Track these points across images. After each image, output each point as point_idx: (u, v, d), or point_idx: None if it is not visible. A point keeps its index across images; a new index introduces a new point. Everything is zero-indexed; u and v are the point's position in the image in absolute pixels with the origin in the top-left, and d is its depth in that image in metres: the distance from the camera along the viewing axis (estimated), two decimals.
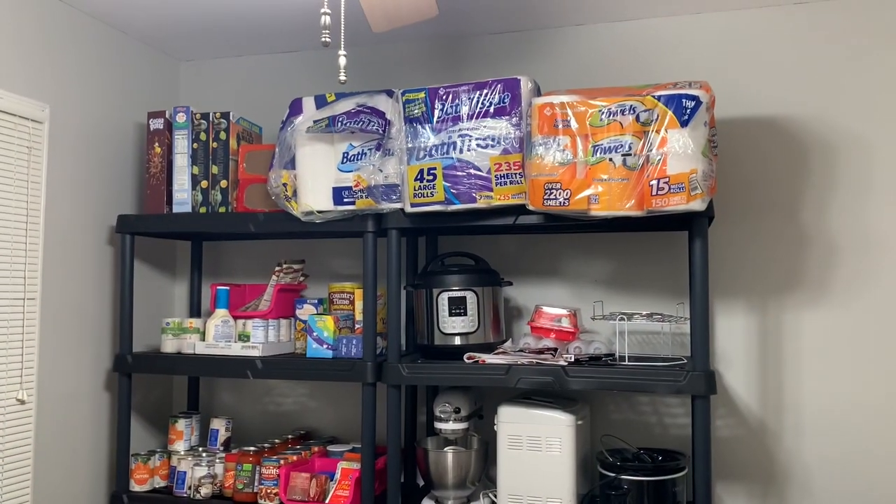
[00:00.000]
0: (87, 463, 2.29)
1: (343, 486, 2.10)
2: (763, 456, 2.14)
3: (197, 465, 2.21)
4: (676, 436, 2.20)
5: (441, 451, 2.08)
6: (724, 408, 2.17)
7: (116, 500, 2.22)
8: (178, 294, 2.68)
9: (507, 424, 1.99)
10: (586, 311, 2.22)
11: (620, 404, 2.25)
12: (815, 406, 2.11)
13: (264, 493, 2.12)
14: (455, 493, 2.07)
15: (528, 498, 1.95)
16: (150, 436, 2.53)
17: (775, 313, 2.15)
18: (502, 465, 1.98)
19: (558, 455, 1.93)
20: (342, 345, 2.15)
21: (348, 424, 2.49)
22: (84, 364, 2.28)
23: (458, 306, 2.09)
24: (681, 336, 2.22)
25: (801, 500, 2.10)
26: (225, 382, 2.61)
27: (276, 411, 2.56)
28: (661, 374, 1.85)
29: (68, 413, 2.22)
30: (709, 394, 1.80)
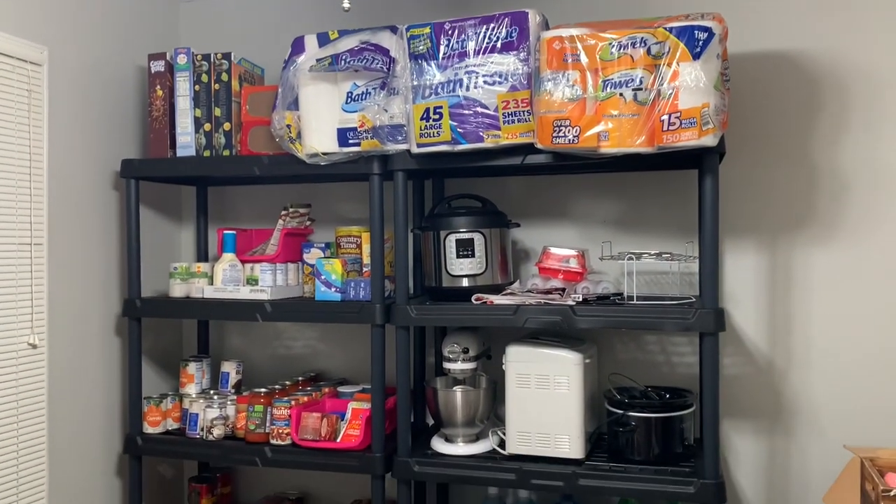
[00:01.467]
0: (101, 406, 2.32)
1: (354, 425, 2.13)
2: (770, 393, 2.15)
3: (209, 408, 2.23)
4: (683, 374, 2.21)
5: (450, 391, 2.10)
6: (731, 346, 2.17)
7: (130, 442, 2.25)
8: (185, 240, 2.68)
9: (515, 364, 2.00)
10: (594, 252, 2.21)
11: (627, 344, 2.26)
12: (824, 343, 2.11)
13: (276, 433, 2.15)
14: (464, 430, 2.09)
15: (537, 435, 1.97)
16: (161, 380, 2.56)
17: (785, 251, 2.14)
18: (511, 404, 2.00)
19: (566, 393, 1.95)
20: (350, 288, 2.15)
21: (357, 366, 2.51)
22: (94, 309, 2.29)
23: (466, 248, 2.08)
24: (689, 276, 2.21)
25: (807, 436, 2.12)
26: (234, 326, 2.63)
27: (286, 354, 2.58)
28: (669, 312, 1.84)
29: (80, 357, 2.24)
30: (717, 331, 1.80)
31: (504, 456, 2.02)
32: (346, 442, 2.11)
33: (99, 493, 2.30)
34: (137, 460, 2.27)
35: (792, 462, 2.13)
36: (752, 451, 2.16)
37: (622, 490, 1.87)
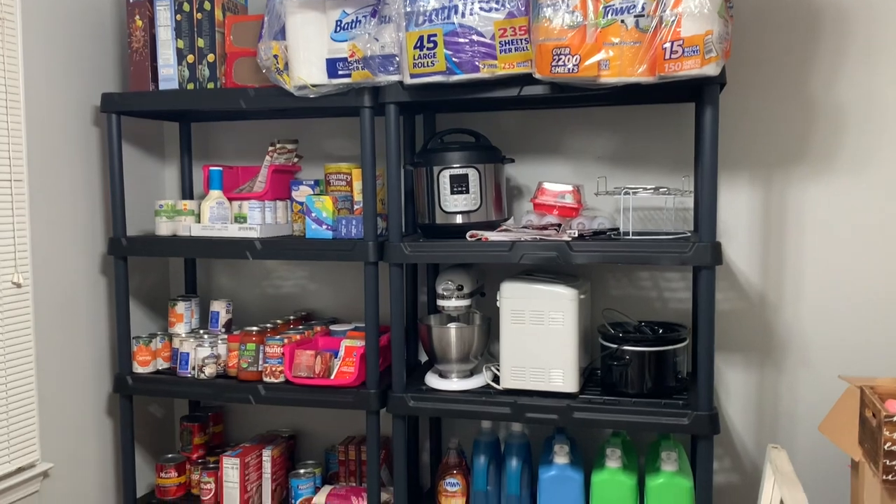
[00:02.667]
0: (89, 347, 2.29)
1: (347, 362, 2.12)
2: (762, 328, 2.17)
3: (199, 346, 2.21)
4: (676, 309, 2.22)
5: (444, 327, 2.09)
6: (724, 281, 2.18)
7: (120, 381, 2.23)
8: (169, 178, 2.61)
9: (509, 300, 1.99)
10: (589, 188, 2.18)
11: (621, 280, 2.26)
12: (816, 279, 2.12)
13: (269, 371, 2.14)
14: (458, 366, 2.09)
15: (531, 369, 1.97)
16: (149, 320, 2.53)
17: (780, 186, 2.13)
18: (505, 340, 1.99)
19: (561, 328, 1.94)
20: (342, 225, 2.11)
21: (348, 306, 2.49)
22: (78, 247, 2.24)
23: (460, 184, 2.04)
24: (683, 212, 2.19)
25: (797, 370, 2.15)
26: (222, 266, 2.59)
27: (276, 294, 2.55)
28: (666, 246, 1.83)
29: (66, 297, 2.20)
30: (714, 264, 1.79)
31: (498, 391, 2.02)
32: (340, 379, 2.11)
33: (90, 434, 2.29)
34: (128, 400, 2.25)
35: (782, 395, 2.16)
36: (742, 385, 2.19)
37: (616, 422, 1.89)
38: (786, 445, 2.12)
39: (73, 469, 2.22)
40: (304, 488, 2.24)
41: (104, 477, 2.34)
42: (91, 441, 2.29)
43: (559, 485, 2.00)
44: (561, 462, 2.02)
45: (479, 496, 2.07)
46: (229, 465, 2.19)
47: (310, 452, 2.52)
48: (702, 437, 1.83)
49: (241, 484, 2.19)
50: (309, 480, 2.26)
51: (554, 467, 2.01)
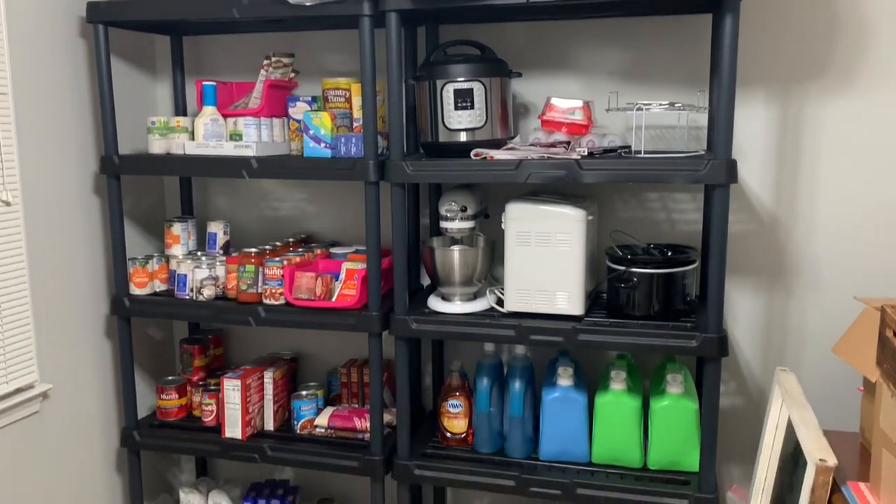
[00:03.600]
0: (85, 268, 2.24)
1: (349, 285, 2.08)
2: (773, 250, 2.11)
3: (197, 268, 2.17)
4: (685, 231, 2.17)
5: (447, 249, 2.04)
6: (735, 203, 2.11)
7: (118, 303, 2.20)
8: (161, 94, 2.51)
9: (515, 221, 1.93)
10: (600, 105, 2.09)
11: (629, 201, 2.19)
12: (831, 201, 2.06)
13: (269, 293, 2.10)
14: (462, 289, 2.05)
15: (536, 292, 1.93)
16: (145, 241, 2.47)
17: (797, 103, 2.04)
18: (510, 262, 1.94)
19: (567, 250, 1.89)
20: (341, 144, 2.03)
21: (349, 229, 2.44)
22: (69, 166, 2.17)
23: (465, 99, 1.95)
24: (696, 130, 2.11)
25: (807, 294, 2.11)
26: (219, 187, 2.52)
27: (274, 216, 2.49)
28: (679, 163, 1.76)
29: (58, 218, 2.13)
30: (729, 182, 1.73)
31: (502, 313, 1.99)
32: (341, 301, 2.07)
33: (89, 356, 2.27)
34: (126, 322, 2.22)
35: (791, 319, 2.13)
36: (750, 309, 2.16)
37: (622, 345, 1.86)
38: (794, 369, 2.10)
39: (73, 391, 2.21)
40: (307, 409, 2.24)
41: (105, 399, 2.33)
42: (90, 363, 2.27)
43: (562, 406, 1.99)
44: (565, 384, 2.00)
45: (481, 417, 2.06)
46: (230, 387, 2.18)
47: (312, 375, 2.51)
48: (709, 360, 1.81)
49: (243, 405, 2.18)
50: (311, 402, 2.25)
51: (557, 389, 2.00)
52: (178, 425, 2.32)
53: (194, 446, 2.24)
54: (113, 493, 2.38)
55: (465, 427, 2.11)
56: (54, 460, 2.15)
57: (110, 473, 2.37)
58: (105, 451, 2.34)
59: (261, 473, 2.60)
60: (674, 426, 1.92)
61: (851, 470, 1.53)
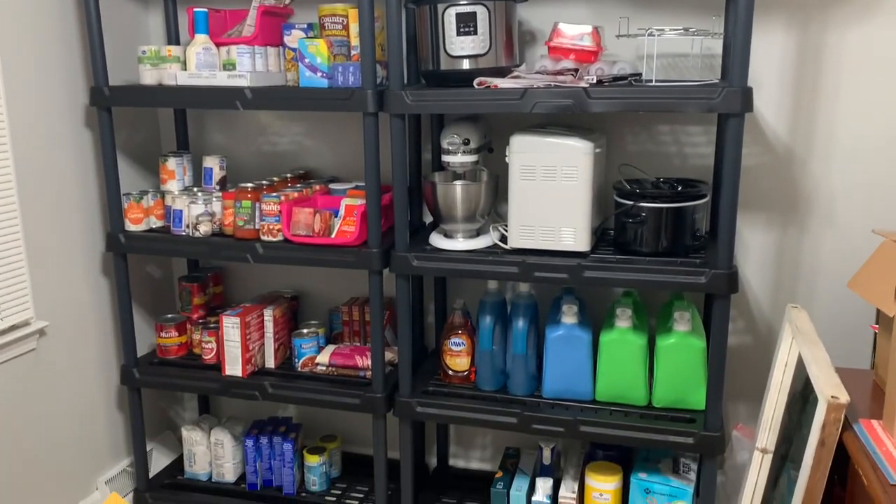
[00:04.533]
0: (78, 205, 2.18)
1: (348, 221, 2.02)
2: (787, 185, 2.04)
3: (193, 204, 2.11)
4: (697, 166, 2.09)
5: (449, 184, 1.97)
6: (749, 135, 2.03)
7: (113, 239, 2.15)
8: (153, 23, 2.42)
9: (519, 154, 1.86)
10: (610, 31, 1.99)
11: (639, 134, 2.11)
12: (849, 134, 1.97)
13: (266, 229, 2.05)
14: (464, 226, 1.99)
15: (541, 228, 1.87)
16: (140, 177, 2.41)
17: (818, 30, 1.94)
18: (514, 197, 1.88)
19: (574, 184, 1.82)
20: (338, 73, 1.95)
21: (348, 164, 2.37)
22: (58, 99, 2.09)
23: (468, 24, 1.86)
24: (710, 59, 2.01)
25: (822, 229, 2.04)
26: (215, 121, 2.44)
27: (272, 151, 2.42)
28: (692, 92, 1.68)
29: (49, 152, 2.07)
30: (744, 111, 1.64)
31: (506, 250, 1.93)
32: (340, 238, 2.01)
33: (86, 294, 2.23)
34: (122, 258, 2.18)
35: (803, 255, 2.06)
36: (761, 245, 2.09)
37: (629, 281, 1.80)
38: (805, 307, 2.05)
39: (71, 328, 2.18)
40: (308, 347, 2.21)
41: (104, 336, 2.31)
42: (88, 301, 2.24)
43: (566, 344, 1.95)
44: (569, 322, 1.96)
45: (484, 355, 2.02)
46: (229, 325, 2.14)
47: (313, 314, 2.48)
48: (718, 297, 1.75)
49: (243, 343, 2.15)
50: (312, 340, 2.22)
51: (562, 327, 1.96)
52: (178, 363, 2.30)
53: (195, 384, 2.22)
54: (115, 431, 2.38)
55: (467, 365, 2.08)
56: (54, 398, 2.14)
57: (112, 411, 2.36)
58: (106, 390, 2.33)
59: (263, 411, 2.60)
60: (680, 364, 1.88)
61: (863, 408, 1.49)
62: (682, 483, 1.94)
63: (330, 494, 2.32)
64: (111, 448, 2.37)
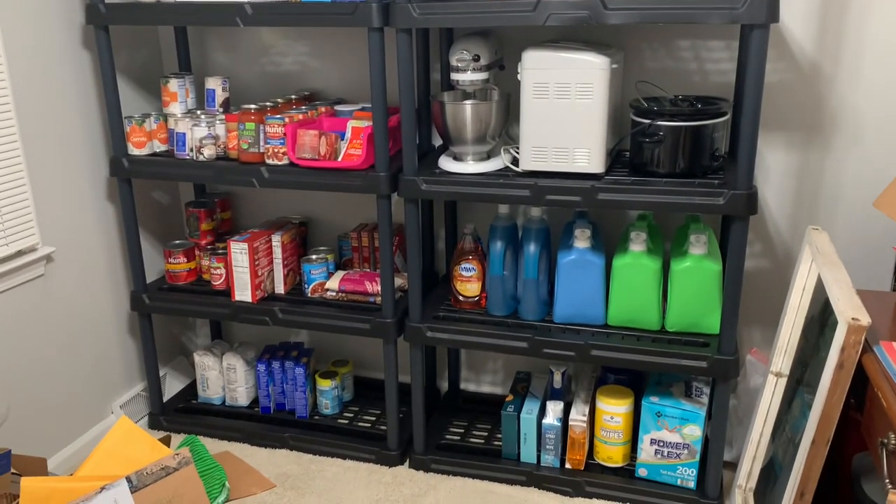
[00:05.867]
0: (78, 128, 2.14)
1: (355, 144, 1.97)
2: (812, 103, 1.95)
3: (196, 126, 2.06)
4: (717, 83, 2.00)
5: (459, 104, 1.90)
6: (774, 50, 1.93)
7: (116, 163, 2.11)
8: None
9: (532, 71, 1.78)
10: None
11: (658, 50, 2.02)
12: (879, 47, 1.87)
13: (271, 152, 2.00)
14: (474, 148, 1.93)
15: (554, 150, 1.81)
16: (142, 99, 2.35)
17: None
18: (526, 117, 1.81)
19: (589, 102, 1.75)
20: None
21: (354, 86, 2.29)
22: (53, 17, 2.01)
23: None
24: None
25: (847, 150, 1.96)
26: (216, 40, 2.36)
27: (276, 72, 2.34)
28: (715, 1, 1.58)
29: (46, 72, 2.01)
30: (769, 22, 1.55)
31: (517, 173, 1.88)
32: (347, 161, 1.96)
33: (92, 219, 2.21)
34: (127, 183, 2.14)
35: (826, 177, 1.99)
36: (782, 165, 2.02)
37: (644, 203, 1.75)
38: (826, 229, 1.99)
39: (79, 254, 2.17)
40: (317, 273, 2.19)
41: (112, 262, 2.30)
42: (94, 227, 2.22)
43: (579, 269, 1.91)
44: (582, 246, 1.91)
45: (494, 280, 2.00)
46: (237, 250, 2.12)
47: (322, 240, 2.45)
48: (736, 219, 1.70)
49: (251, 268, 2.13)
50: (321, 265, 2.20)
51: (574, 251, 1.91)
52: (188, 289, 2.29)
53: (204, 309, 2.21)
54: (128, 357, 2.40)
55: (478, 290, 2.06)
56: (65, 323, 2.14)
57: (123, 337, 2.37)
58: (116, 316, 2.33)
59: (274, 336, 2.61)
60: (695, 288, 1.84)
61: (884, 330, 1.45)
62: (694, 406, 1.93)
63: (342, 417, 2.34)
64: (125, 373, 2.39)
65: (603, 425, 2.02)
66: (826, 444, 1.32)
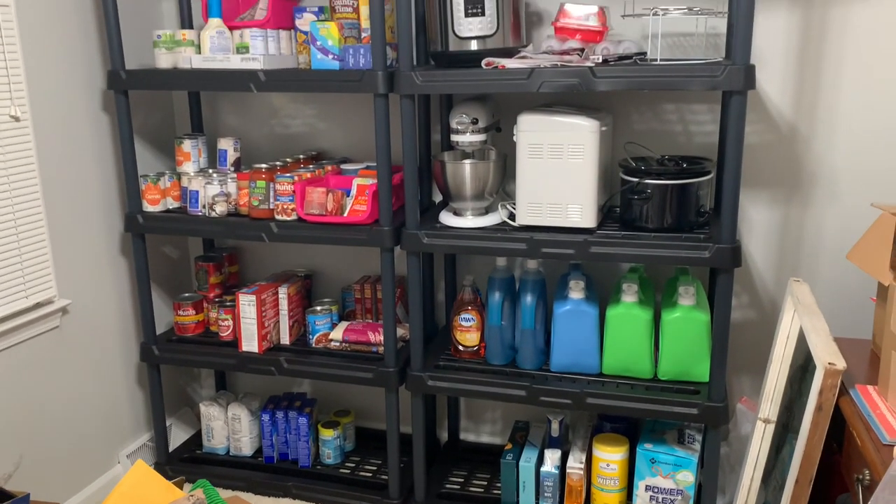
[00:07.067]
0: (96, 186, 2.24)
1: (360, 200, 2.07)
2: (791, 162, 2.07)
3: (209, 184, 2.16)
4: (701, 144, 2.13)
5: (459, 163, 2.01)
6: (753, 113, 2.06)
7: (131, 220, 2.21)
8: (167, 8, 2.46)
9: (527, 133, 1.90)
10: (615, 10, 2.02)
11: (644, 113, 2.15)
12: (852, 110, 2.00)
13: (280, 208, 2.10)
14: (473, 204, 2.04)
15: (549, 205, 1.92)
16: (156, 159, 2.47)
17: (821, 9, 1.96)
18: (522, 175, 1.92)
19: (581, 162, 1.87)
20: (349, 55, 1.99)
21: (359, 145, 2.41)
22: (76, 82, 2.14)
23: (476, 5, 1.89)
24: (714, 38, 2.04)
25: (825, 204, 2.07)
26: (228, 103, 2.49)
27: (284, 133, 2.47)
28: (696, 70, 1.71)
29: (68, 133, 2.13)
30: (747, 88, 1.68)
31: (514, 227, 1.98)
32: (353, 216, 2.07)
33: (106, 273, 2.30)
34: (140, 238, 2.24)
35: (806, 230, 2.10)
36: (765, 221, 2.13)
37: (634, 256, 1.85)
38: (808, 282, 2.09)
39: (92, 307, 2.25)
40: (321, 324, 2.27)
41: (124, 315, 2.38)
42: (108, 280, 2.31)
43: (574, 319, 2.00)
44: (576, 297, 2.00)
45: (493, 330, 2.08)
46: (245, 302, 2.20)
47: (326, 292, 2.54)
48: (722, 271, 1.80)
49: (259, 320, 2.21)
50: (326, 317, 2.28)
51: (569, 302, 2.00)
52: (196, 340, 2.37)
53: (212, 360, 2.29)
54: (136, 407, 2.45)
55: (477, 340, 2.14)
56: (77, 374, 2.21)
57: (132, 388, 2.43)
58: (126, 366, 2.40)
59: (278, 387, 2.67)
60: (685, 337, 1.93)
61: (861, 374, 1.53)
62: (686, 453, 1.99)
63: (344, 467, 2.39)
64: (132, 423, 2.44)
65: (599, 472, 2.07)
66: (809, 483, 1.39)
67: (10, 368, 1.98)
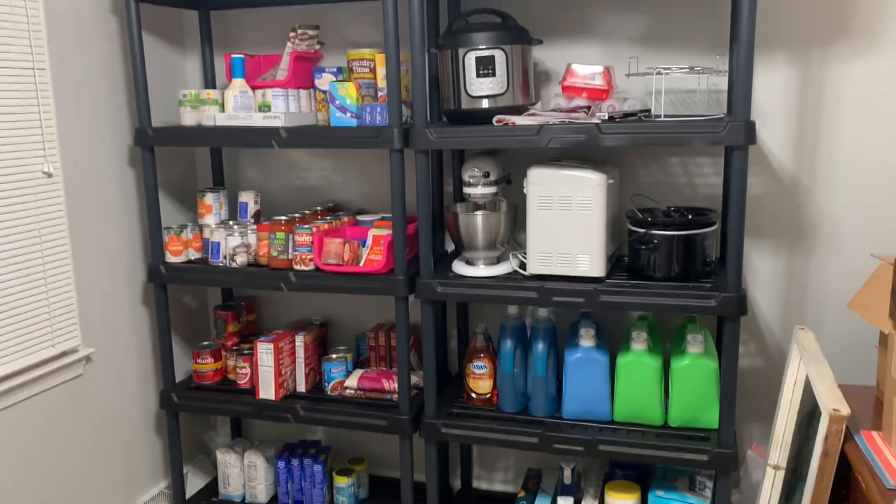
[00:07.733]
0: (121, 237, 2.33)
1: (375, 251, 2.14)
2: (793, 212, 2.14)
3: (230, 236, 2.24)
4: (706, 195, 2.20)
5: (471, 214, 2.09)
6: (756, 166, 2.13)
7: (154, 271, 2.28)
8: (191, 68, 2.58)
9: (537, 186, 1.98)
10: (620, 70, 2.12)
11: (650, 166, 2.22)
12: (851, 162, 2.07)
13: (299, 259, 2.17)
14: (485, 253, 2.11)
15: (558, 255, 1.98)
16: (178, 212, 2.56)
17: (818, 66, 2.05)
18: (532, 226, 1.99)
19: (589, 213, 1.93)
20: (366, 113, 2.08)
21: (374, 197, 2.49)
22: (105, 139, 2.25)
23: (487, 67, 1.99)
24: (717, 94, 2.13)
25: (828, 254, 2.13)
26: (249, 158, 2.59)
27: (302, 186, 2.56)
28: (698, 126, 1.79)
29: (96, 187, 2.22)
30: (748, 144, 1.75)
31: (525, 276, 2.04)
32: (368, 266, 2.13)
33: (128, 322, 2.37)
34: (162, 288, 2.31)
35: (810, 280, 2.15)
36: (770, 270, 2.18)
37: (643, 305, 1.90)
38: (813, 329, 2.13)
39: (114, 355, 2.31)
40: (337, 371, 2.32)
41: (144, 363, 2.44)
42: (129, 329, 2.37)
43: (585, 367, 2.04)
44: (587, 345, 2.05)
45: (505, 378, 2.12)
46: (263, 350, 2.26)
47: (341, 339, 2.59)
48: (729, 319, 1.84)
49: (276, 368, 2.26)
50: (341, 364, 2.33)
51: (580, 350, 2.05)
52: (214, 388, 2.42)
53: (230, 407, 2.33)
54: (153, 454, 2.49)
55: (489, 388, 2.18)
56: (98, 422, 2.26)
57: (150, 435, 2.48)
58: (145, 414, 2.45)
59: (294, 434, 2.70)
60: (694, 385, 1.97)
61: (866, 420, 1.57)
62: (698, 500, 2.01)
63: None
64: (150, 470, 2.48)
65: None
66: None
67: (35, 416, 2.04)
